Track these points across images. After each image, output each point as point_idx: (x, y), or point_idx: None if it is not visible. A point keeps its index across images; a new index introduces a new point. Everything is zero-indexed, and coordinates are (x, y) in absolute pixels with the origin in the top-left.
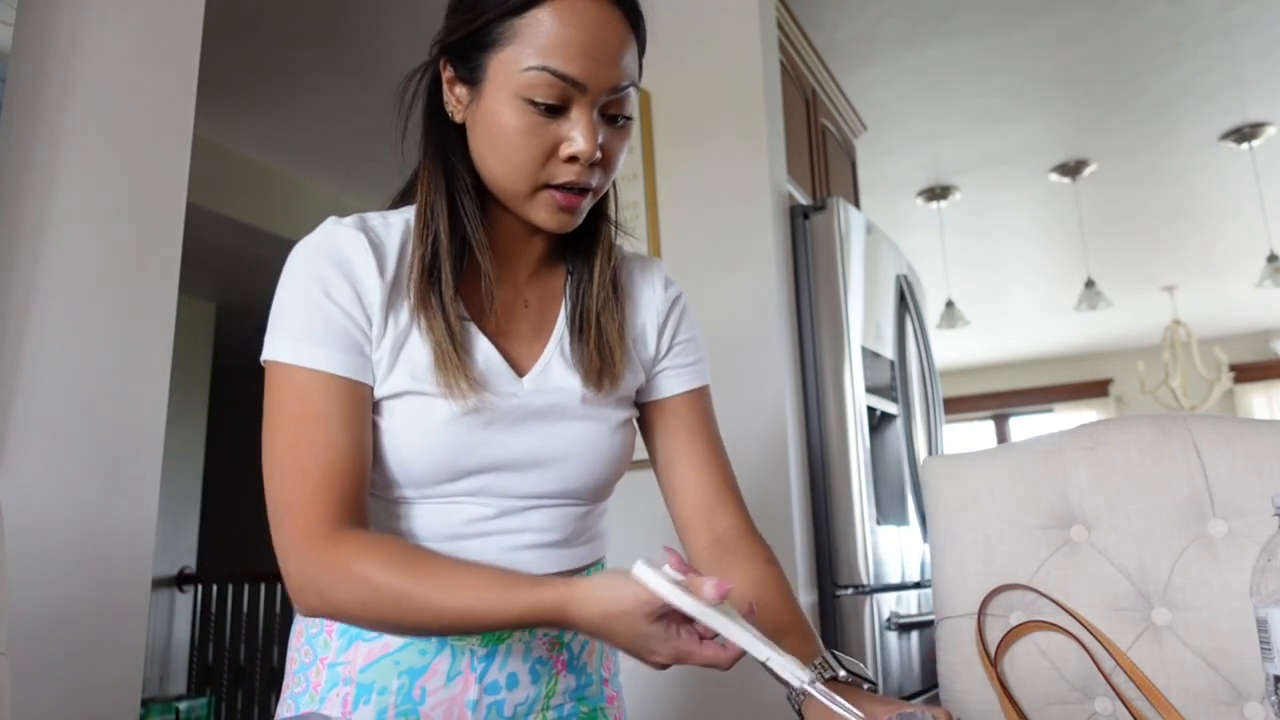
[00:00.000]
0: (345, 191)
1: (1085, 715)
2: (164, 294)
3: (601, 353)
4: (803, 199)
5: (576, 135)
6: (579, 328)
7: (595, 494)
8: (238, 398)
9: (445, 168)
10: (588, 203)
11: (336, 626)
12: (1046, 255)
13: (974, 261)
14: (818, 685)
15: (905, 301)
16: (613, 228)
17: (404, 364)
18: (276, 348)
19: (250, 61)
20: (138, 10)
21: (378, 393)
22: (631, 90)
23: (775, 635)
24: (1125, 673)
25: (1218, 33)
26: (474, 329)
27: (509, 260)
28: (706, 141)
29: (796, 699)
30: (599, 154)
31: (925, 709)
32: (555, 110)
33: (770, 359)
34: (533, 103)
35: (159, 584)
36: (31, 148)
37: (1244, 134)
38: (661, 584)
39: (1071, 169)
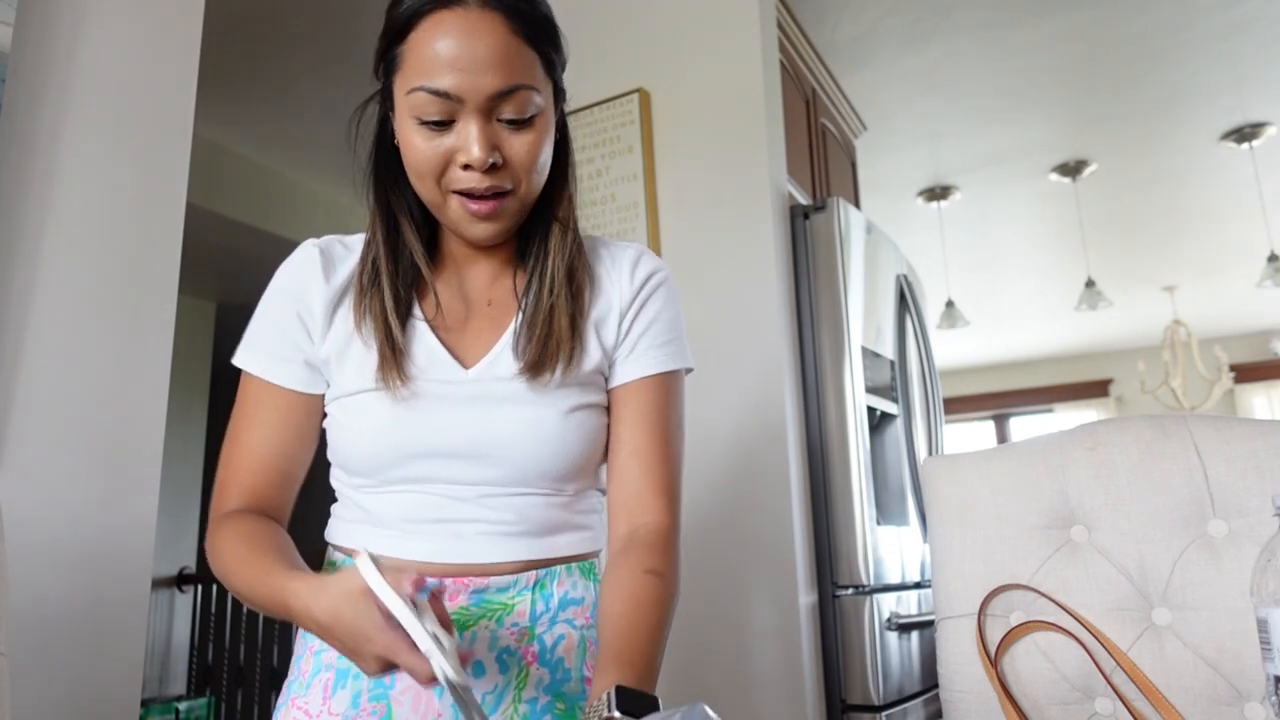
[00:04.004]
0: (344, 191)
1: (1085, 715)
2: (164, 294)
3: (546, 343)
4: (803, 199)
5: (465, 144)
6: (530, 321)
7: (555, 481)
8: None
9: (385, 191)
10: (510, 205)
11: None
12: (1046, 255)
13: (974, 261)
14: (453, 682)
15: (905, 301)
16: (567, 228)
17: (352, 362)
18: (237, 354)
19: (250, 61)
20: (138, 10)
21: (334, 390)
22: (523, 92)
23: (602, 651)
24: (1125, 673)
25: (1218, 33)
26: (423, 327)
27: (472, 266)
28: (706, 141)
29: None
30: (498, 157)
31: None
32: (443, 124)
33: (770, 359)
34: (421, 121)
35: (159, 584)
36: (31, 148)
37: (1244, 134)
38: (372, 572)
39: (1071, 169)
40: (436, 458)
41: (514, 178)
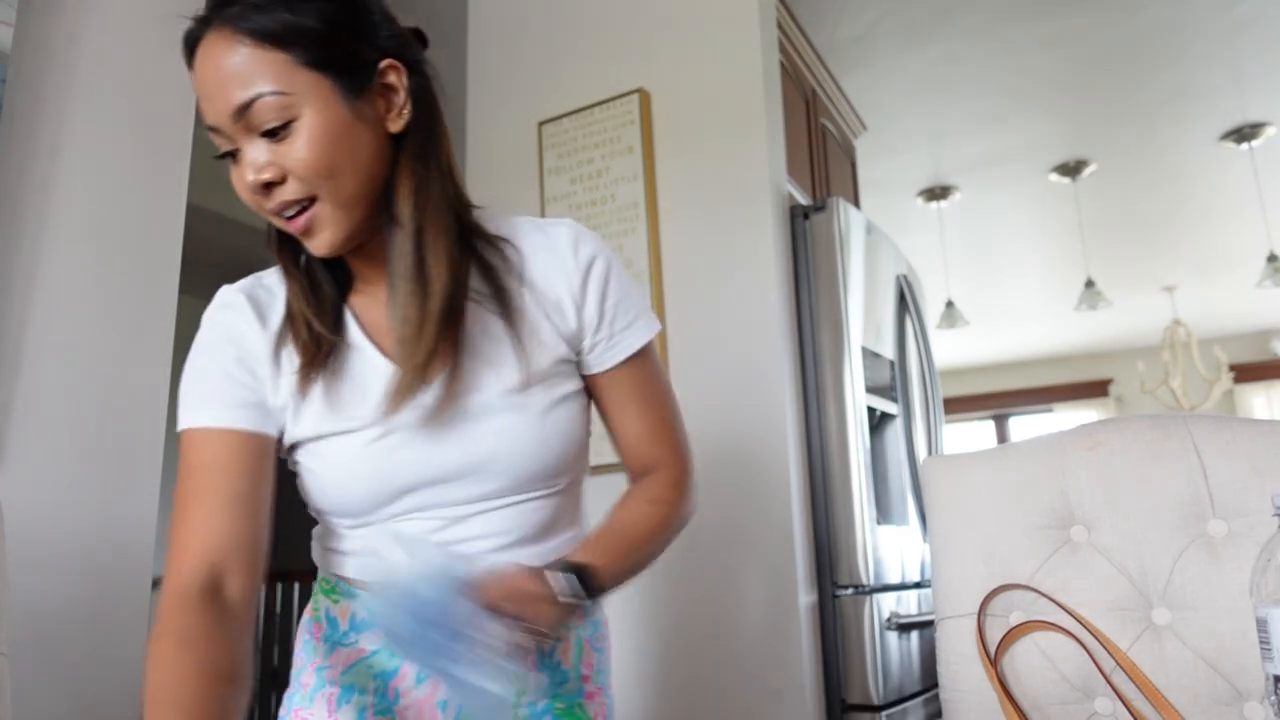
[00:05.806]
0: None
1: (1085, 715)
2: (164, 294)
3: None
4: (803, 199)
5: (242, 171)
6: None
7: (550, 479)
8: None
9: (277, 234)
10: (323, 213)
11: (322, 633)
12: (1046, 255)
13: (974, 261)
14: None
15: (905, 301)
16: (405, 228)
17: (313, 403)
18: (181, 418)
19: None
20: (138, 10)
21: (296, 434)
22: (260, 102)
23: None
24: (1125, 673)
25: (1218, 33)
26: (374, 352)
27: (383, 281)
28: (706, 141)
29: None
30: (272, 174)
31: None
32: (233, 155)
33: (770, 359)
34: (220, 158)
35: (159, 584)
36: (31, 148)
37: (1244, 134)
38: None
39: (1071, 169)
40: (429, 486)
41: (305, 187)
